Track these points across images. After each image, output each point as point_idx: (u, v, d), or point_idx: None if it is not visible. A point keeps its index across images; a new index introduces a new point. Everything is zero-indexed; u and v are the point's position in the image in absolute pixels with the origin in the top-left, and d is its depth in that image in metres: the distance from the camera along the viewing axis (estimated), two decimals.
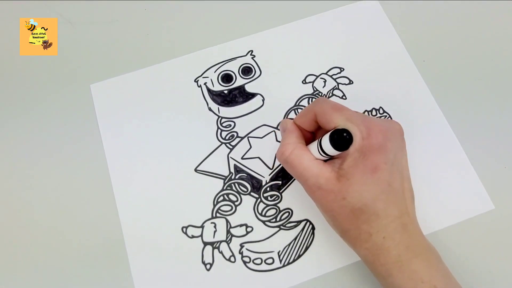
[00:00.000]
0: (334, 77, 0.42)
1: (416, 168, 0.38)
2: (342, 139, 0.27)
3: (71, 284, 0.35)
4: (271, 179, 0.38)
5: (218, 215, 0.37)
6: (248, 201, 0.37)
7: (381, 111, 0.40)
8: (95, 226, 0.37)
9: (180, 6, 0.46)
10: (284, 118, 0.40)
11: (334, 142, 0.27)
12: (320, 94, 0.41)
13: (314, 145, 0.30)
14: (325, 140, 0.28)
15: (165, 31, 0.45)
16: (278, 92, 0.41)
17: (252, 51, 0.43)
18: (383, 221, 0.28)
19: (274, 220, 0.36)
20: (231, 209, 0.37)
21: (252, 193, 0.37)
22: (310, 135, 0.33)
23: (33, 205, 0.38)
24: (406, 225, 0.28)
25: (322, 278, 0.34)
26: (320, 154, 0.29)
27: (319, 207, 0.31)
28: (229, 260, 0.35)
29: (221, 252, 0.35)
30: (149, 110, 0.41)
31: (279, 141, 0.39)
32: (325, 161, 0.30)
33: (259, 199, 0.37)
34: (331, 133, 0.28)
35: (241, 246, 0.36)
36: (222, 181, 0.38)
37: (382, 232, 0.28)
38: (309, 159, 0.29)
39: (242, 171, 0.38)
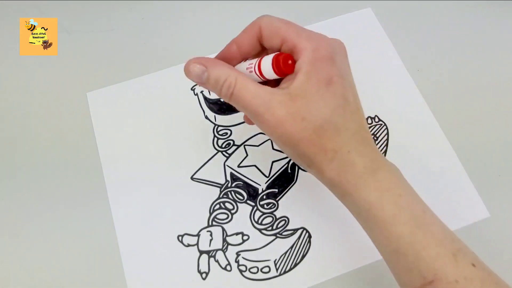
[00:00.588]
0: None
1: (411, 176, 0.38)
2: (286, 64, 0.26)
3: None
4: (268, 187, 0.38)
5: (214, 223, 0.36)
6: (244, 209, 0.37)
7: (376, 120, 0.40)
8: (89, 234, 0.36)
9: (176, 15, 0.47)
10: None
11: (277, 67, 0.26)
12: None
13: (248, 64, 0.28)
14: (266, 63, 0.26)
15: (162, 40, 0.45)
16: None
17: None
18: (345, 135, 0.26)
19: (270, 228, 0.36)
20: (227, 217, 0.37)
21: (248, 201, 0.37)
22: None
23: (27, 211, 0.37)
24: (367, 139, 0.28)
25: (319, 286, 0.34)
26: (259, 77, 0.27)
27: (278, 142, 0.28)
28: (225, 268, 0.35)
29: (217, 261, 0.35)
30: (145, 118, 0.41)
31: (276, 149, 0.39)
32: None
33: (255, 207, 0.37)
34: (274, 57, 0.26)
35: (237, 254, 0.35)
36: (219, 189, 0.38)
37: (346, 146, 0.26)
38: (254, 88, 0.26)
39: (239, 179, 0.38)
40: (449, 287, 0.24)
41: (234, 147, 0.39)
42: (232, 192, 0.38)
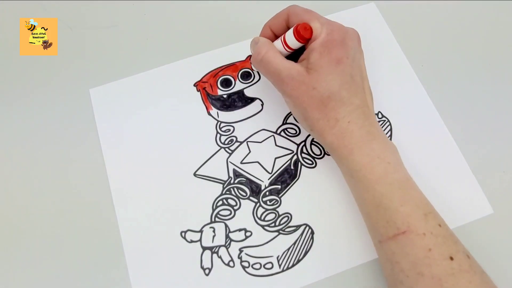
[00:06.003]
0: None
1: (415, 172, 0.38)
2: (305, 30, 0.32)
3: None
4: (270, 184, 0.38)
5: (217, 219, 0.37)
6: (247, 205, 0.37)
7: (379, 116, 0.40)
8: (93, 231, 0.36)
9: (179, 10, 0.46)
10: (282, 123, 0.40)
11: (297, 34, 0.32)
12: None
13: (278, 41, 0.34)
14: (289, 33, 0.33)
15: (164, 35, 0.45)
16: (277, 96, 0.41)
17: (251, 55, 0.43)
18: (347, 107, 0.32)
19: (273, 224, 0.36)
20: (230, 214, 0.37)
21: (251, 198, 0.37)
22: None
23: (30, 208, 0.37)
24: (368, 115, 0.32)
25: (322, 283, 0.34)
26: (284, 48, 0.33)
27: (291, 102, 0.34)
28: (228, 265, 0.35)
29: (220, 257, 0.35)
30: (148, 115, 0.41)
31: (278, 146, 0.39)
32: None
33: (258, 204, 0.37)
34: (295, 27, 0.32)
35: (240, 250, 0.35)
36: (221, 185, 0.38)
37: (347, 117, 0.31)
38: (281, 57, 0.33)
39: (241, 175, 0.38)
40: (417, 238, 0.28)
41: (237, 144, 0.39)
42: (235, 189, 0.38)
